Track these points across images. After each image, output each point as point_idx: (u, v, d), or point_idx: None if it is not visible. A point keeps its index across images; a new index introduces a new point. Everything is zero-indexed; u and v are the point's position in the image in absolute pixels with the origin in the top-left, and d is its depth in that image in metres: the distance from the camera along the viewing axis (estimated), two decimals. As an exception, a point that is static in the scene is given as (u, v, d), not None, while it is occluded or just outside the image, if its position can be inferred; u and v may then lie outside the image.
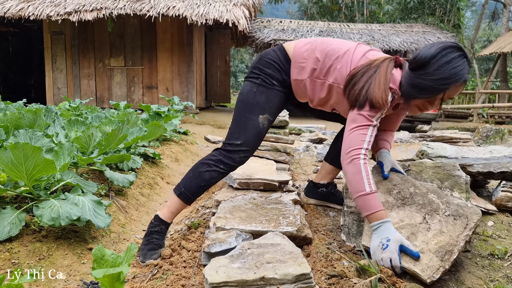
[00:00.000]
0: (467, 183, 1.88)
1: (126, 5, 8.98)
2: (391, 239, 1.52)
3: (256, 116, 1.80)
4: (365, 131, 1.61)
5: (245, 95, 1.84)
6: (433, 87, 1.57)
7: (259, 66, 1.85)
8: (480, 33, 24.38)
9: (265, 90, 1.83)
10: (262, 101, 1.82)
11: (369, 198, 1.57)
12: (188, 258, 1.71)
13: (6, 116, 3.15)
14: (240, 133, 1.79)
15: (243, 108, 1.83)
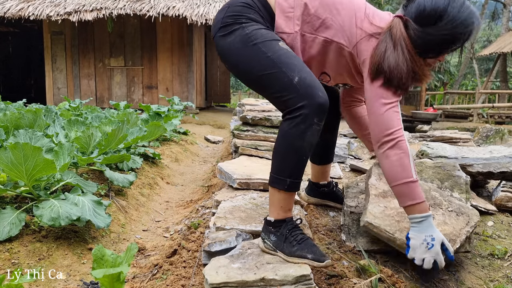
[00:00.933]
0: (467, 183, 1.88)
1: (126, 5, 8.98)
2: (436, 238, 1.38)
3: (278, 46, 1.43)
4: (398, 109, 1.45)
5: (243, 43, 1.44)
6: (454, 37, 1.42)
7: (233, 13, 1.49)
8: (480, 33, 24.37)
9: (258, 25, 1.48)
10: (265, 32, 1.46)
11: (415, 186, 1.41)
12: (188, 258, 1.71)
13: (6, 116, 3.15)
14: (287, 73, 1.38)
15: (257, 54, 1.42)
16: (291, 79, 1.37)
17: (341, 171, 2.93)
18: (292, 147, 1.38)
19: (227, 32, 1.48)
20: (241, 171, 2.35)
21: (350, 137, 4.94)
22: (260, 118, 2.85)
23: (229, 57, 1.49)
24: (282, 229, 1.44)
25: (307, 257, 1.37)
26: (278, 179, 1.42)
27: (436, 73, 17.45)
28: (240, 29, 1.46)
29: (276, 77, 1.39)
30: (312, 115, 1.35)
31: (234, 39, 1.46)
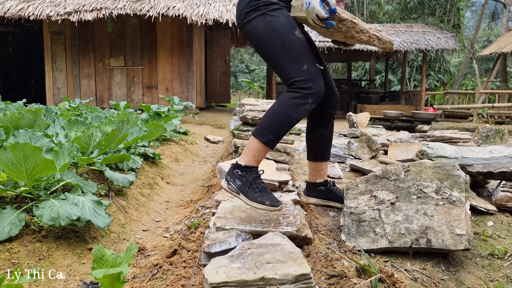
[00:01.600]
0: (467, 183, 1.88)
1: (126, 5, 8.98)
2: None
3: (294, 35, 1.70)
4: None
5: (265, 30, 1.71)
6: None
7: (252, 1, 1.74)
8: (480, 33, 24.39)
9: (276, 10, 1.73)
10: (284, 20, 1.71)
11: None
12: (188, 258, 1.71)
13: (6, 116, 3.15)
14: (299, 60, 1.68)
15: (276, 41, 1.70)
16: (301, 66, 1.68)
17: (341, 171, 2.93)
18: (284, 113, 1.69)
19: (251, 17, 1.75)
20: (241, 171, 2.35)
21: (350, 137, 4.94)
22: (260, 118, 2.85)
23: (254, 38, 1.77)
24: (247, 176, 1.69)
25: (265, 203, 1.63)
26: (263, 132, 1.70)
27: (436, 73, 17.46)
28: (260, 15, 1.73)
29: (291, 61, 1.69)
30: (310, 96, 1.67)
31: (258, 25, 1.74)
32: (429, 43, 11.49)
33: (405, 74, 13.86)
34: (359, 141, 3.63)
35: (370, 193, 1.97)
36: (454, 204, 1.80)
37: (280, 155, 2.78)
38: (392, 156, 3.38)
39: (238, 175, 1.70)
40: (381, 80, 18.38)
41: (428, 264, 1.66)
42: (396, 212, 1.81)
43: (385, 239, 1.71)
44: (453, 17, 16.59)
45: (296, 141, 4.34)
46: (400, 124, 10.02)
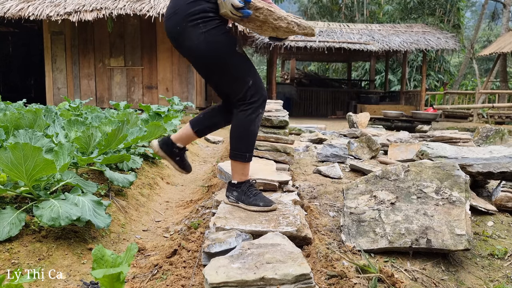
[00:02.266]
0: (467, 183, 1.88)
1: (126, 5, 8.98)
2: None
3: (235, 52, 1.80)
4: None
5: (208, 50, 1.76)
6: None
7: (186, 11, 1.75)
8: (480, 33, 24.39)
9: (215, 29, 1.76)
10: (224, 39, 1.79)
11: None
12: (188, 258, 1.71)
13: (6, 116, 3.15)
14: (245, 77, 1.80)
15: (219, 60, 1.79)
16: (247, 81, 1.81)
17: (341, 171, 2.93)
18: (248, 131, 1.86)
19: (191, 32, 1.76)
20: (241, 171, 2.35)
21: (350, 137, 4.94)
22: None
23: (195, 55, 1.83)
24: (242, 187, 1.91)
25: (259, 204, 1.84)
26: (239, 154, 1.90)
27: (436, 73, 17.46)
28: (202, 34, 1.76)
29: (236, 78, 1.82)
30: (260, 107, 1.86)
31: (199, 44, 1.78)
32: (429, 43, 11.49)
33: (405, 74, 13.86)
34: (359, 141, 3.63)
35: (370, 193, 1.97)
36: (454, 204, 1.80)
37: (280, 155, 2.78)
38: (392, 156, 3.38)
39: (234, 189, 1.93)
40: (381, 80, 18.38)
41: (428, 264, 1.66)
42: (396, 212, 1.81)
43: (385, 239, 1.71)
44: (453, 17, 16.59)
45: (296, 141, 4.34)
46: (400, 124, 10.02)
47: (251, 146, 1.91)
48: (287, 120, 2.90)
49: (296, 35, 1.92)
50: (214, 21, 1.76)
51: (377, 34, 12.02)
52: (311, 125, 6.49)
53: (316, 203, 2.27)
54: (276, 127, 2.87)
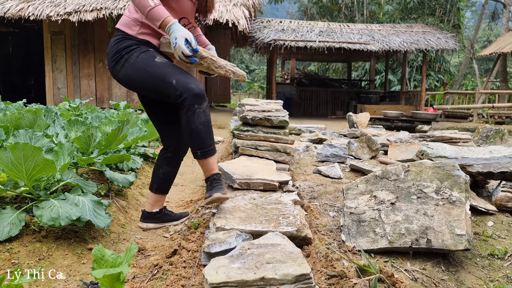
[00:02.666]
0: (467, 183, 1.88)
1: (126, 5, 8.98)
2: (177, 36, 1.81)
3: (155, 62, 1.93)
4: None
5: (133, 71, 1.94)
6: None
7: (114, 50, 1.99)
8: (480, 33, 24.39)
9: (135, 51, 1.96)
10: (144, 56, 1.95)
11: (155, 11, 1.83)
12: (188, 258, 1.71)
13: (6, 116, 3.15)
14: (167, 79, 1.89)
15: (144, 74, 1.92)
16: (171, 82, 1.89)
17: (341, 171, 2.93)
18: (191, 129, 1.91)
19: (119, 67, 1.99)
20: (241, 171, 2.36)
21: (350, 137, 4.94)
22: (260, 118, 2.85)
23: (129, 81, 2.01)
24: (207, 183, 2.02)
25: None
26: (194, 153, 1.98)
27: (436, 73, 17.46)
28: (125, 62, 1.96)
29: (160, 82, 1.91)
30: (192, 102, 1.88)
31: (126, 70, 1.97)
32: (429, 43, 11.49)
33: (405, 74, 13.86)
34: (359, 141, 3.63)
35: (370, 193, 1.97)
36: (454, 204, 1.80)
37: (280, 155, 2.78)
38: (392, 156, 3.38)
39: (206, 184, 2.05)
40: (381, 80, 18.39)
41: (428, 264, 1.66)
42: (396, 212, 1.81)
43: (385, 239, 1.71)
44: (453, 17, 16.59)
45: (296, 141, 4.34)
46: (400, 124, 10.02)
47: (200, 143, 1.95)
48: (287, 120, 2.90)
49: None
50: (135, 49, 1.97)
51: (377, 34, 12.02)
52: (311, 125, 6.48)
53: (316, 203, 2.27)
54: (276, 127, 2.87)
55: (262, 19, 12.72)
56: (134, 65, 1.95)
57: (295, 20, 14.25)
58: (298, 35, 11.54)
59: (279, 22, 12.83)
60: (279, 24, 12.44)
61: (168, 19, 1.85)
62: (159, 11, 1.84)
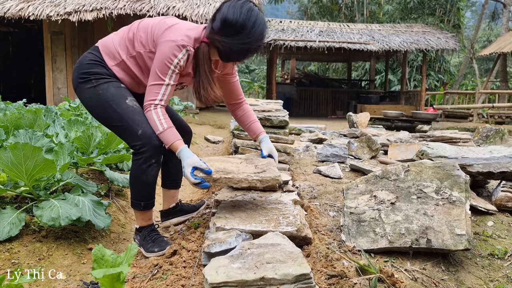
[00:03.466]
0: (467, 183, 1.88)
1: (126, 5, 8.98)
2: (185, 164, 1.80)
3: (125, 104, 1.85)
4: (158, 89, 1.80)
5: (98, 101, 1.85)
6: (253, 48, 1.78)
7: (83, 69, 1.88)
8: (480, 33, 24.38)
9: (107, 83, 1.86)
10: (115, 91, 1.86)
11: (164, 135, 1.81)
12: (188, 258, 1.71)
13: (6, 116, 3.15)
14: (133, 127, 1.82)
15: (109, 110, 1.84)
16: (136, 131, 1.81)
17: (341, 171, 2.93)
18: (140, 180, 1.86)
19: (84, 88, 1.88)
20: (241, 171, 2.35)
21: (350, 137, 4.94)
22: (260, 118, 2.85)
23: (88, 108, 1.91)
24: (143, 231, 1.95)
25: (154, 251, 1.87)
26: (135, 203, 1.91)
27: (436, 73, 17.46)
28: (92, 88, 1.86)
29: (125, 128, 1.84)
30: (151, 157, 1.83)
31: (91, 96, 1.87)
32: (429, 43, 11.49)
33: (405, 74, 13.86)
34: (359, 141, 3.63)
35: (370, 193, 1.97)
36: (454, 204, 1.80)
37: (280, 155, 2.78)
38: (392, 156, 3.38)
39: (138, 233, 1.98)
40: (381, 80, 18.38)
41: (428, 264, 1.66)
42: (396, 212, 1.81)
43: (385, 239, 1.71)
44: (453, 17, 16.59)
45: (296, 141, 4.34)
46: (400, 124, 10.02)
47: (146, 195, 1.91)
48: (287, 120, 2.91)
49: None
50: (107, 80, 1.87)
51: (377, 34, 12.02)
52: (311, 125, 6.48)
53: (316, 203, 2.27)
54: (276, 127, 2.88)
55: (262, 19, 12.69)
56: (101, 96, 1.85)
57: (295, 20, 14.26)
58: (298, 35, 11.55)
59: (279, 22, 12.84)
60: (279, 24, 12.44)
61: (176, 144, 1.82)
62: (167, 136, 1.81)
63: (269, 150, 2.06)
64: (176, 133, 1.84)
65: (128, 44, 1.88)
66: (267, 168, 1.91)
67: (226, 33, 1.73)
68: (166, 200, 2.30)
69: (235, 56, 1.80)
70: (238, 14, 1.70)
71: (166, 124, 1.81)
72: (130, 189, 1.93)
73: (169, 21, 1.85)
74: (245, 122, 2.15)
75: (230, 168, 1.89)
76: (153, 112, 1.80)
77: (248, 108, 2.17)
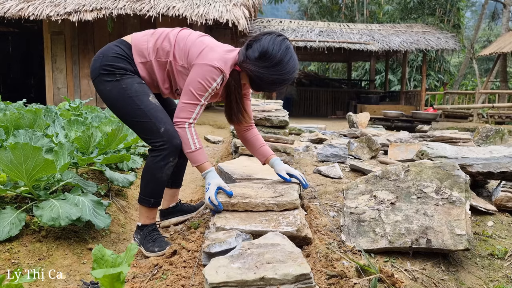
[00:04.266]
0: (467, 183, 1.88)
1: (126, 5, 8.98)
2: (211, 183, 1.86)
3: (148, 101, 1.87)
4: (193, 108, 1.86)
5: (119, 95, 1.86)
6: (285, 80, 1.85)
7: (107, 62, 1.88)
8: (480, 33, 24.38)
9: (130, 79, 1.88)
10: (138, 87, 1.88)
11: (195, 154, 1.88)
12: (188, 258, 1.71)
13: (6, 116, 3.15)
14: (156, 124, 1.84)
15: (131, 106, 1.86)
16: (158, 129, 1.84)
17: (341, 171, 2.93)
18: (154, 177, 1.88)
19: (105, 80, 1.88)
20: (241, 171, 2.36)
21: (350, 137, 4.94)
22: (260, 118, 2.85)
23: (108, 101, 1.91)
24: (144, 230, 1.95)
25: (155, 250, 1.87)
26: (144, 199, 1.92)
27: (436, 73, 17.46)
28: (115, 81, 1.87)
29: (146, 125, 1.86)
30: (170, 155, 1.86)
31: (112, 89, 1.87)
32: (429, 43, 11.49)
33: (405, 74, 13.86)
34: (359, 141, 3.63)
35: (370, 193, 1.97)
36: (454, 204, 1.80)
37: (280, 155, 2.78)
38: (392, 156, 3.38)
39: (139, 232, 1.97)
40: (381, 80, 18.39)
41: (428, 264, 1.66)
42: (396, 212, 1.81)
43: (385, 239, 1.71)
44: (453, 17, 16.59)
45: (296, 141, 4.34)
46: (400, 124, 10.02)
47: (157, 193, 1.93)
48: (287, 120, 2.91)
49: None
50: (130, 76, 1.89)
51: (377, 34, 12.02)
52: (311, 125, 6.48)
53: (316, 203, 2.27)
54: (276, 127, 2.88)
55: (262, 19, 12.72)
56: (124, 90, 1.86)
57: (295, 20, 14.26)
58: (298, 35, 11.55)
59: (279, 22, 12.84)
60: (279, 24, 12.44)
61: (205, 165, 1.89)
62: (198, 156, 1.88)
63: (286, 170, 2.07)
64: (206, 155, 1.92)
65: (161, 51, 1.91)
66: (285, 192, 1.93)
67: (263, 64, 1.81)
68: (166, 199, 2.29)
69: (266, 86, 1.88)
70: (278, 50, 1.80)
71: (199, 144, 1.89)
72: (141, 185, 1.94)
73: (206, 41, 1.91)
74: (255, 144, 2.16)
75: (249, 193, 1.92)
76: (187, 130, 1.86)
77: (257, 132, 2.19)
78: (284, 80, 1.85)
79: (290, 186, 2.00)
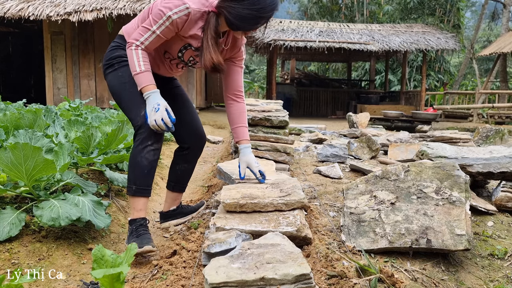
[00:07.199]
0: (467, 183, 1.88)
1: (126, 5, 8.98)
2: (161, 104, 1.82)
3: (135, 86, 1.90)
4: (144, 32, 1.85)
5: (118, 83, 1.95)
6: (262, 16, 1.77)
7: (107, 57, 2.01)
8: (480, 33, 24.38)
9: (127, 66, 1.93)
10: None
11: (139, 76, 1.86)
12: (188, 258, 1.71)
13: (6, 116, 3.15)
14: (140, 107, 1.87)
15: (124, 91, 1.92)
16: (139, 112, 1.87)
17: (341, 171, 2.93)
18: (135, 161, 1.88)
19: (107, 74, 2.01)
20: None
21: (350, 137, 4.94)
22: (260, 118, 2.85)
23: (112, 93, 2.00)
24: (133, 225, 1.90)
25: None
26: (128, 186, 1.91)
27: (436, 73, 17.46)
28: (114, 71, 1.98)
29: (131, 107, 1.91)
30: (147, 138, 1.86)
31: (112, 79, 1.99)
32: (429, 43, 11.49)
33: (405, 74, 13.86)
34: (359, 141, 3.63)
35: (370, 193, 1.97)
36: (454, 204, 1.80)
37: (280, 155, 2.78)
38: (392, 156, 3.38)
39: (129, 226, 1.94)
40: (381, 80, 18.39)
41: (428, 264, 1.66)
42: (396, 212, 1.81)
43: (385, 239, 1.71)
44: (453, 17, 16.60)
45: (296, 141, 4.34)
46: (400, 124, 10.02)
47: (139, 179, 1.89)
48: (287, 120, 2.90)
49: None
50: (127, 61, 1.93)
51: (377, 34, 12.02)
52: (311, 125, 6.48)
53: (316, 203, 2.27)
54: (276, 127, 2.88)
55: (262, 19, 12.68)
56: (121, 77, 1.95)
57: (295, 20, 14.26)
58: (298, 35, 11.55)
59: (279, 22, 12.83)
60: (279, 24, 12.44)
61: (148, 87, 1.86)
62: (142, 78, 1.86)
63: (247, 163, 2.07)
64: (151, 78, 1.88)
65: (143, 21, 1.94)
66: (292, 191, 1.93)
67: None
68: (167, 202, 2.30)
69: (242, 24, 1.80)
70: None
71: (144, 67, 1.86)
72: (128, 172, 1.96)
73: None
74: (234, 121, 2.14)
75: (256, 193, 1.91)
76: (134, 51, 1.86)
77: (244, 109, 2.16)
78: (258, 17, 1.77)
79: (294, 185, 2.00)
